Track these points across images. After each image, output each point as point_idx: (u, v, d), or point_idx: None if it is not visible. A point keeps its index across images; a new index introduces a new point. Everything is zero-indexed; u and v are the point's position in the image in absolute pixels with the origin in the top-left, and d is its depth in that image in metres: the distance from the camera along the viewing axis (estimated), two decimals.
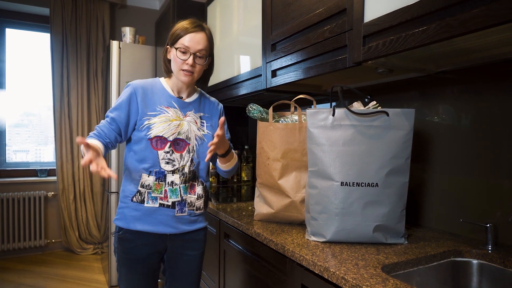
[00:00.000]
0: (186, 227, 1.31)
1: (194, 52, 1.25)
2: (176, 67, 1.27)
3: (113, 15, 3.81)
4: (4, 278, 2.95)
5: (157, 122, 1.25)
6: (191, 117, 1.32)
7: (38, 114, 3.88)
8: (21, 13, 3.60)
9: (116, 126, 1.26)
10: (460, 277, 1.09)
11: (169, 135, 1.25)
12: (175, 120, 1.28)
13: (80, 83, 3.56)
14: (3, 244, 3.36)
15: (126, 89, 1.30)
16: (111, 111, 1.28)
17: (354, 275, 0.88)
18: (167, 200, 1.26)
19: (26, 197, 3.45)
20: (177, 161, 1.27)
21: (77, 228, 3.60)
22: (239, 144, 2.80)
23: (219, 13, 2.33)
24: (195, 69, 1.27)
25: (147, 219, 1.25)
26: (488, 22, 0.77)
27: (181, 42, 1.25)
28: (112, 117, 1.25)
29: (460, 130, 1.26)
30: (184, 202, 1.29)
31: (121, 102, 1.27)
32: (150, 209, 1.26)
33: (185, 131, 1.28)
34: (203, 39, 1.28)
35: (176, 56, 1.25)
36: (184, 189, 1.29)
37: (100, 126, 1.27)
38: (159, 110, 1.27)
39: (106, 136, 1.24)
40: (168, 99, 1.30)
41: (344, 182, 1.12)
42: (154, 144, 1.25)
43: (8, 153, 3.69)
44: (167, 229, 1.27)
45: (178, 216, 1.28)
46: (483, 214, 1.18)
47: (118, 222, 1.28)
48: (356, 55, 1.14)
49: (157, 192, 1.26)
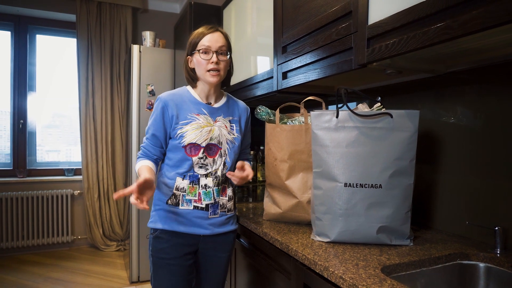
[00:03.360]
0: (218, 229, 1.35)
1: (216, 50, 1.29)
2: (202, 70, 1.31)
3: (135, 20, 3.94)
4: (33, 272, 3.11)
5: (189, 130, 1.29)
6: (221, 122, 1.36)
7: (68, 115, 4.07)
8: (50, 20, 3.79)
9: (157, 141, 1.33)
10: (466, 281, 1.08)
11: (202, 141, 1.30)
12: (206, 126, 1.32)
13: (104, 86, 3.70)
14: (33, 239, 3.55)
15: (156, 104, 1.34)
16: (149, 128, 1.34)
17: (352, 275, 0.89)
18: (201, 203, 1.31)
19: (54, 195, 3.63)
20: (210, 165, 1.32)
21: (101, 226, 3.74)
22: (255, 144, 2.83)
23: (234, 16, 2.38)
24: (220, 67, 1.30)
25: (182, 221, 1.30)
26: (486, 24, 0.77)
27: (201, 43, 1.30)
28: (152, 134, 1.32)
29: (472, 131, 1.24)
30: (217, 205, 1.34)
31: (155, 118, 1.32)
32: (185, 211, 1.30)
33: (216, 136, 1.32)
34: (220, 37, 1.32)
35: (200, 58, 1.30)
36: (217, 192, 1.33)
37: (144, 146, 1.35)
38: (190, 118, 1.31)
39: (152, 153, 1.34)
40: (198, 107, 1.34)
41: (347, 183, 1.13)
42: (188, 151, 1.29)
43: (41, 152, 3.89)
44: (200, 230, 1.31)
45: (212, 218, 1.33)
46: (494, 216, 1.16)
47: (152, 225, 1.33)
48: (360, 57, 1.15)
49: (191, 194, 1.30)
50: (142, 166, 1.30)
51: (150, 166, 1.31)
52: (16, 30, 3.69)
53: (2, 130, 3.75)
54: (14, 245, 3.47)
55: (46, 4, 3.60)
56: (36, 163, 3.82)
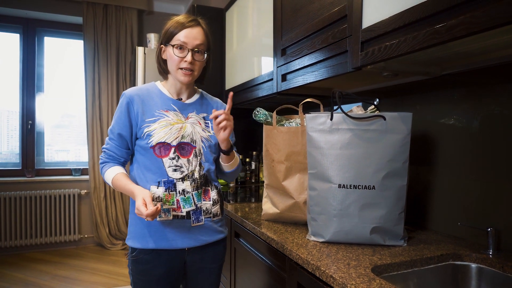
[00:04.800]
0: (205, 237, 1.22)
1: (192, 48, 1.16)
2: (174, 66, 1.18)
3: (141, 21, 3.99)
4: (41, 269, 3.18)
5: (157, 128, 1.17)
6: (194, 119, 1.23)
7: (77, 115, 4.14)
8: (58, 22, 3.86)
9: (123, 141, 1.20)
10: (458, 281, 1.09)
11: (172, 140, 1.17)
12: (177, 124, 1.19)
13: (110, 87, 3.76)
14: (41, 237, 3.63)
15: (121, 100, 1.21)
16: (113, 127, 1.20)
17: (342, 274, 0.91)
18: (180, 211, 1.17)
19: (62, 195, 3.70)
20: (185, 166, 1.18)
21: (107, 225, 3.81)
22: (258, 145, 2.86)
23: (236, 18, 2.41)
24: (195, 67, 1.19)
25: (161, 235, 1.16)
26: (471, 29, 0.78)
27: (177, 38, 1.16)
28: (118, 133, 1.19)
29: (468, 133, 1.25)
30: (200, 211, 1.20)
31: (120, 115, 1.19)
32: (164, 223, 1.16)
33: (189, 133, 1.20)
34: (200, 34, 1.19)
35: (173, 53, 1.16)
36: (197, 196, 1.20)
37: (108, 148, 1.21)
38: (158, 115, 1.19)
39: (119, 156, 1.21)
40: (167, 102, 1.22)
41: (341, 185, 1.15)
42: (157, 151, 1.16)
43: (50, 152, 3.97)
44: (184, 242, 1.18)
45: (195, 227, 1.20)
46: (488, 218, 1.17)
47: (130, 242, 1.19)
48: (355, 60, 1.17)
49: (169, 203, 1.16)
50: (119, 174, 1.17)
51: (125, 173, 1.18)
52: (24, 33, 3.77)
53: (13, 130, 3.84)
54: (22, 243, 3.55)
55: (54, 7, 3.67)
56: (44, 163, 3.90)
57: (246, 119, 2.53)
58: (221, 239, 1.29)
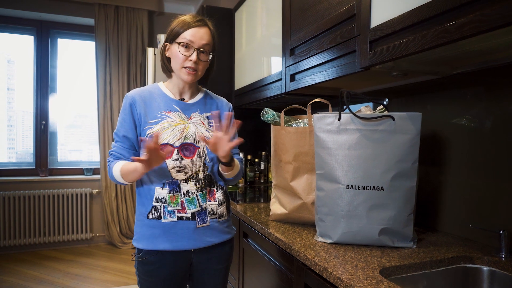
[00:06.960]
0: (211, 238, 1.21)
1: (198, 48, 1.16)
2: (178, 65, 1.17)
3: (151, 22, 4.03)
4: (54, 267, 3.23)
5: (160, 129, 1.17)
6: (197, 119, 1.23)
7: (89, 116, 4.21)
8: (70, 24, 3.93)
9: (129, 143, 1.20)
10: (469, 284, 1.07)
11: (174, 141, 1.17)
12: (179, 124, 1.19)
13: (121, 88, 3.81)
14: (54, 236, 3.69)
15: (124, 102, 1.21)
16: (117, 129, 1.20)
17: (350, 276, 0.90)
18: (185, 212, 1.17)
19: (74, 194, 3.76)
20: (188, 167, 1.18)
21: (118, 224, 3.85)
22: (267, 145, 2.85)
23: (245, 18, 2.41)
24: (199, 67, 1.18)
25: (166, 236, 1.16)
26: (481, 28, 0.77)
27: (184, 36, 1.16)
28: (123, 135, 1.19)
29: (479, 133, 1.22)
30: (205, 212, 1.20)
31: (123, 117, 1.20)
32: (169, 224, 1.16)
33: (192, 134, 1.19)
34: (207, 34, 1.19)
35: (178, 51, 1.16)
36: (202, 197, 1.20)
37: (115, 150, 1.20)
38: (160, 116, 1.19)
39: (126, 157, 1.19)
40: (169, 103, 1.22)
41: (349, 185, 1.14)
42: None
43: (63, 152, 4.05)
44: (190, 243, 1.18)
45: (201, 228, 1.19)
46: (501, 219, 1.15)
47: (136, 244, 1.19)
48: (363, 60, 1.16)
49: (173, 204, 1.16)
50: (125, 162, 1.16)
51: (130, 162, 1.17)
52: (38, 35, 3.84)
53: (27, 130, 3.91)
54: (36, 241, 3.62)
55: (67, 10, 3.73)
56: (57, 162, 3.97)
57: (255, 119, 2.53)
58: (227, 240, 1.28)
